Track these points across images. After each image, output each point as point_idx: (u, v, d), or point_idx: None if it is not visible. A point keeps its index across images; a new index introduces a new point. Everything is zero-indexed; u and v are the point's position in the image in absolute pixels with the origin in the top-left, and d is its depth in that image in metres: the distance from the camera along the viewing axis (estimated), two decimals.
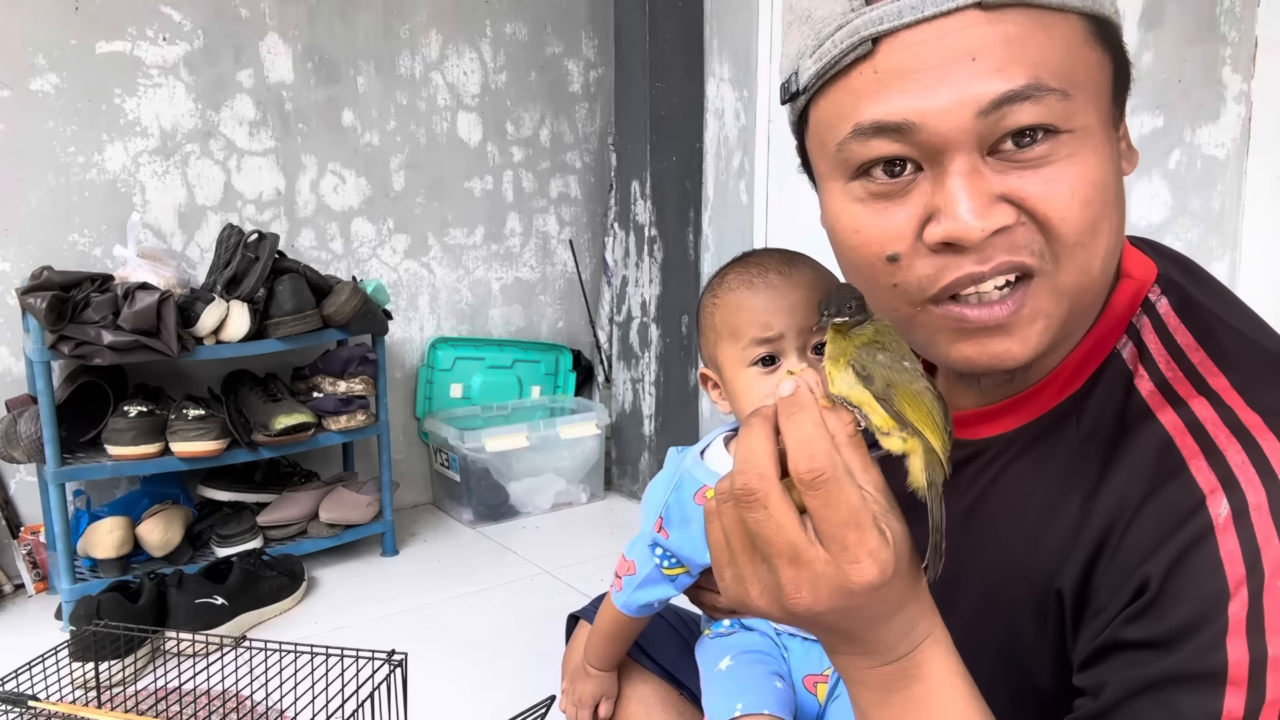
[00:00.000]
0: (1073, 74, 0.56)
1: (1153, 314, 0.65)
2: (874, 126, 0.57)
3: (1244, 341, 0.62)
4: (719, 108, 2.80)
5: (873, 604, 0.53)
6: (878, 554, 0.51)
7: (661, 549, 0.97)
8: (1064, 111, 0.55)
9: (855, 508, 0.50)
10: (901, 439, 0.55)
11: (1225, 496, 0.54)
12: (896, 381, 0.56)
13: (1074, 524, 0.62)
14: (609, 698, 1.11)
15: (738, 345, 0.92)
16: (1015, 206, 0.57)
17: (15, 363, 2.27)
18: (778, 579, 0.53)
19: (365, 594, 2.23)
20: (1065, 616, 0.62)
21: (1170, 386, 0.61)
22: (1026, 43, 0.55)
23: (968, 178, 0.56)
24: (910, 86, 0.56)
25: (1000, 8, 0.55)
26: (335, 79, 2.60)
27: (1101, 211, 0.58)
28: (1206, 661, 0.51)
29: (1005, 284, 0.59)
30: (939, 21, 0.55)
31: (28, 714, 1.18)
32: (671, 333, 2.87)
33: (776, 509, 0.52)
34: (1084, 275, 0.59)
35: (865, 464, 0.53)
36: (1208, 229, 1.71)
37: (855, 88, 0.58)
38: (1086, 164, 0.57)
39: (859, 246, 0.62)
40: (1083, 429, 0.64)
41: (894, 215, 0.59)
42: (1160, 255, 0.69)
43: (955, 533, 0.74)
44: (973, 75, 0.55)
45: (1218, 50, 1.66)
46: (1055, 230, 0.57)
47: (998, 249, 0.57)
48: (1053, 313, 0.60)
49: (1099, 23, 0.58)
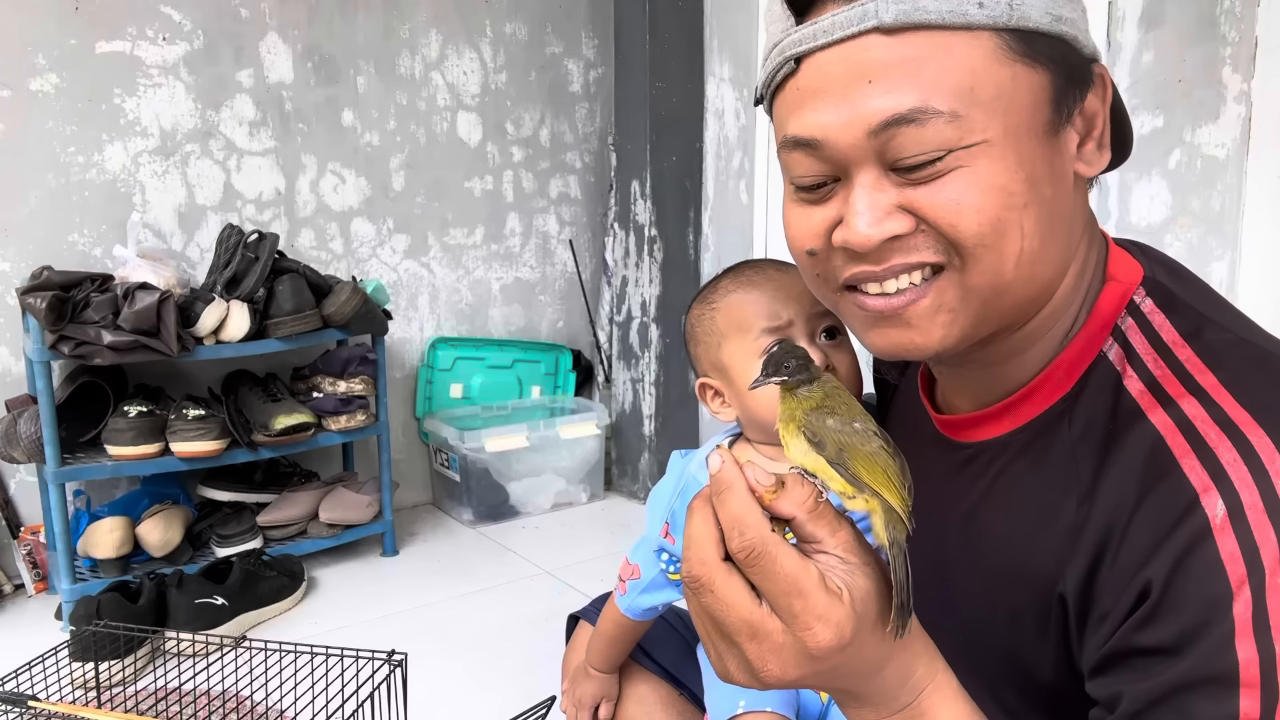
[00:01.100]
0: (973, 92, 0.58)
1: (1138, 315, 0.66)
2: (793, 140, 0.63)
3: (1232, 340, 0.62)
4: (719, 108, 2.80)
5: (848, 662, 0.54)
6: (828, 616, 0.52)
7: (667, 554, 0.97)
8: (953, 132, 0.58)
9: (792, 576, 0.52)
10: (864, 500, 0.56)
11: (1219, 495, 0.54)
12: (849, 445, 0.57)
13: (1071, 526, 0.62)
14: (609, 699, 1.11)
15: (747, 338, 0.92)
16: (913, 216, 0.61)
17: (15, 363, 2.27)
18: (744, 655, 0.54)
19: (365, 594, 2.23)
20: (1069, 621, 0.62)
21: (1159, 385, 0.61)
22: (923, 65, 0.58)
23: (867, 191, 0.61)
24: (820, 105, 0.61)
25: (900, 31, 0.58)
26: (335, 79, 2.60)
27: (1003, 215, 0.60)
28: (1216, 665, 0.52)
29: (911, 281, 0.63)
30: (846, 44, 0.59)
31: (28, 714, 1.18)
32: (671, 333, 2.87)
33: (722, 591, 0.53)
34: (994, 275, 0.62)
35: (833, 528, 0.55)
36: (1208, 229, 1.71)
37: (787, 101, 0.64)
38: (977, 172, 0.59)
39: (790, 240, 0.69)
40: (1074, 431, 0.65)
41: (814, 216, 0.66)
42: (1148, 258, 0.70)
43: (956, 536, 0.74)
44: (867, 96, 0.59)
45: (1218, 50, 1.66)
46: (948, 235, 0.61)
47: (894, 252, 0.62)
48: (958, 308, 0.63)
49: (1021, 36, 0.59)
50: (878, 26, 0.58)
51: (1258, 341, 0.63)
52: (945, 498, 0.75)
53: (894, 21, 0.57)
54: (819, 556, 0.54)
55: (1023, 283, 0.63)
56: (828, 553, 0.54)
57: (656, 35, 2.74)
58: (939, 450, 0.77)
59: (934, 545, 0.76)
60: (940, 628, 0.60)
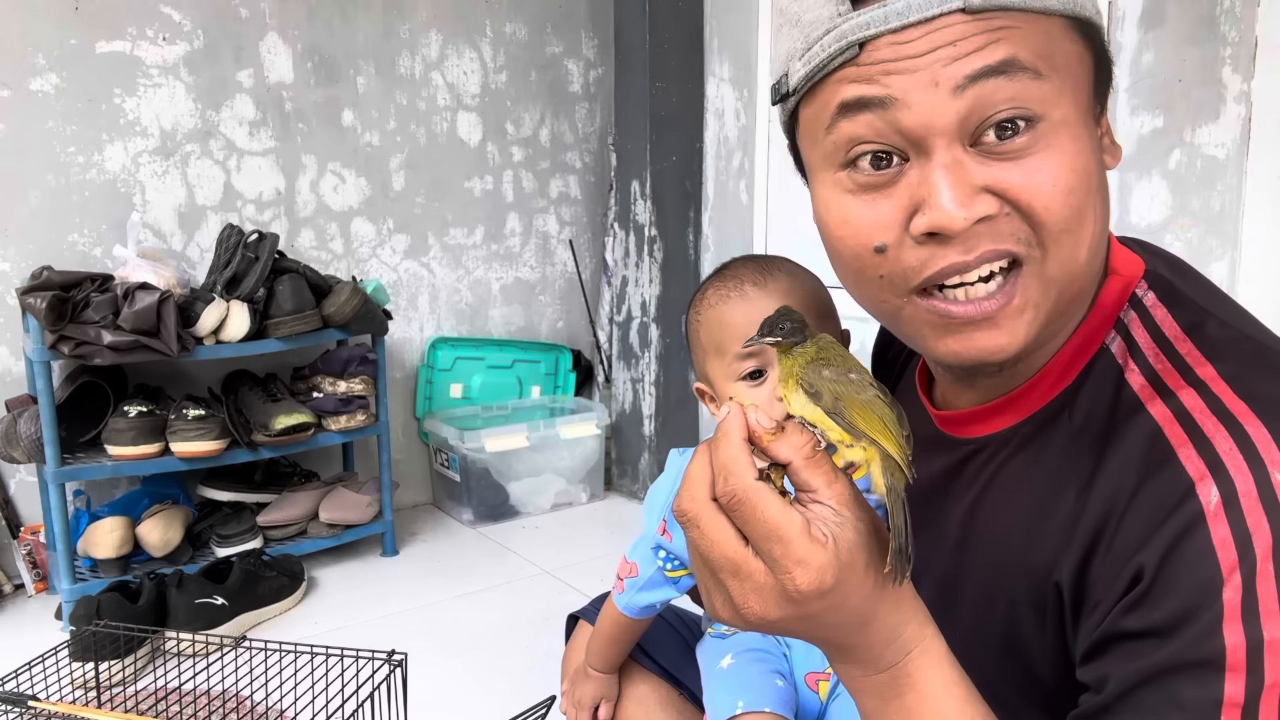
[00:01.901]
0: (1051, 59, 0.58)
1: (1140, 308, 0.66)
2: (859, 100, 0.59)
3: (1232, 333, 0.62)
4: (719, 108, 2.80)
5: (830, 611, 0.54)
6: (808, 562, 0.52)
7: (665, 552, 0.97)
8: (1038, 92, 0.57)
9: (774, 522, 0.52)
10: (861, 449, 0.57)
11: (1214, 483, 0.54)
12: (844, 394, 0.57)
13: (1069, 517, 0.62)
14: (609, 700, 1.11)
15: (724, 361, 0.94)
16: (999, 198, 0.58)
17: (15, 363, 2.27)
18: (728, 591, 0.55)
19: (365, 594, 2.23)
20: (1064, 610, 0.63)
21: (1159, 378, 0.61)
22: (1006, 31, 0.57)
23: (950, 169, 0.57)
24: (893, 74, 0.58)
25: (984, 11, 0.57)
26: (335, 79, 2.60)
27: (1085, 199, 0.59)
28: (1204, 649, 0.52)
29: (990, 274, 0.60)
30: (924, 25, 0.57)
31: (28, 714, 1.18)
32: (671, 333, 2.87)
33: (708, 527, 0.54)
34: (1071, 263, 0.60)
35: (829, 479, 0.55)
36: (1208, 229, 1.71)
37: (842, 83, 0.60)
38: (1066, 152, 0.58)
39: (846, 237, 0.63)
40: (1075, 423, 0.65)
41: (881, 206, 0.61)
42: (1149, 253, 0.70)
43: (957, 533, 0.74)
44: (952, 56, 0.57)
45: (1218, 50, 1.66)
46: (1039, 218, 0.58)
47: (982, 238, 0.59)
48: (1040, 302, 0.61)
49: (1079, 23, 0.60)
50: (964, 7, 0.56)
51: (1258, 336, 0.63)
52: (946, 495, 0.75)
53: (981, 3, 0.56)
54: (813, 506, 0.54)
55: (1086, 271, 0.62)
56: (822, 503, 0.54)
57: (656, 35, 2.74)
58: (939, 448, 0.77)
59: (935, 543, 0.76)
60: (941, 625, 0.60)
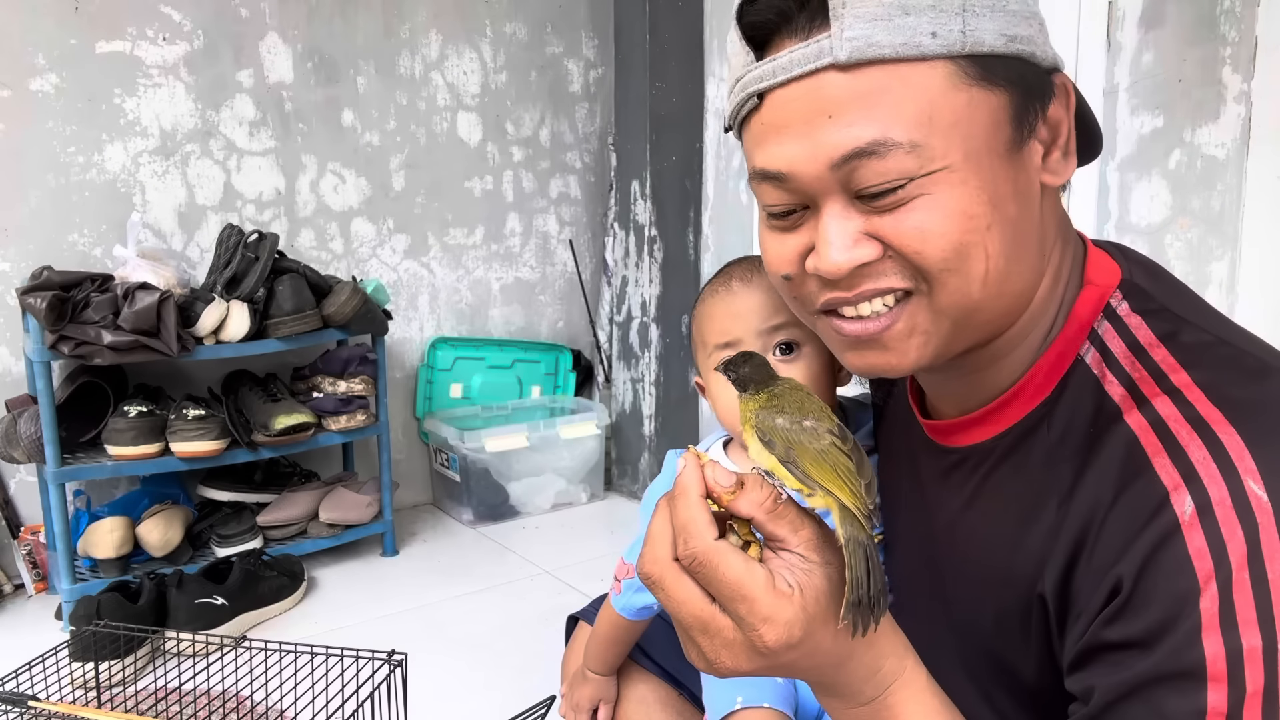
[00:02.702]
0: (931, 121, 0.59)
1: (1114, 318, 0.66)
2: (761, 173, 0.65)
3: (1207, 339, 0.63)
4: (719, 108, 2.80)
5: (802, 658, 0.55)
6: (774, 618, 0.53)
7: None
8: (913, 161, 0.59)
9: (737, 582, 0.54)
10: (821, 497, 0.57)
11: (1188, 493, 0.55)
12: (797, 443, 0.58)
13: (1051, 527, 0.63)
14: (608, 702, 1.11)
15: (705, 353, 0.97)
16: (880, 243, 0.62)
17: (15, 363, 2.27)
18: (699, 647, 0.57)
19: (365, 594, 2.23)
20: (1049, 620, 0.63)
21: (1136, 386, 0.62)
22: (881, 98, 0.59)
23: (835, 219, 0.63)
24: (784, 139, 0.62)
25: (855, 67, 0.58)
26: (335, 79, 2.60)
27: (965, 239, 0.61)
28: (1184, 659, 0.52)
29: (884, 305, 0.64)
30: (805, 81, 0.60)
31: (28, 714, 1.18)
32: (671, 333, 2.87)
33: (673, 589, 0.56)
34: (963, 297, 0.63)
35: (795, 526, 0.56)
36: (1208, 229, 1.71)
37: (753, 134, 0.66)
38: (938, 199, 0.60)
39: (767, 264, 0.71)
40: (1053, 435, 0.66)
41: (788, 242, 0.67)
42: (1128, 260, 0.70)
43: (945, 540, 0.75)
44: (828, 131, 0.60)
45: (1218, 50, 1.66)
46: (914, 261, 0.62)
47: (864, 279, 0.64)
48: (930, 330, 0.64)
49: (976, 61, 0.59)
50: (833, 63, 0.59)
51: (1234, 342, 0.63)
52: (934, 502, 0.76)
53: (849, 58, 0.58)
54: (782, 554, 0.56)
55: (992, 300, 0.64)
56: (790, 550, 0.55)
57: (656, 35, 2.74)
58: (928, 456, 0.77)
59: (925, 549, 0.76)
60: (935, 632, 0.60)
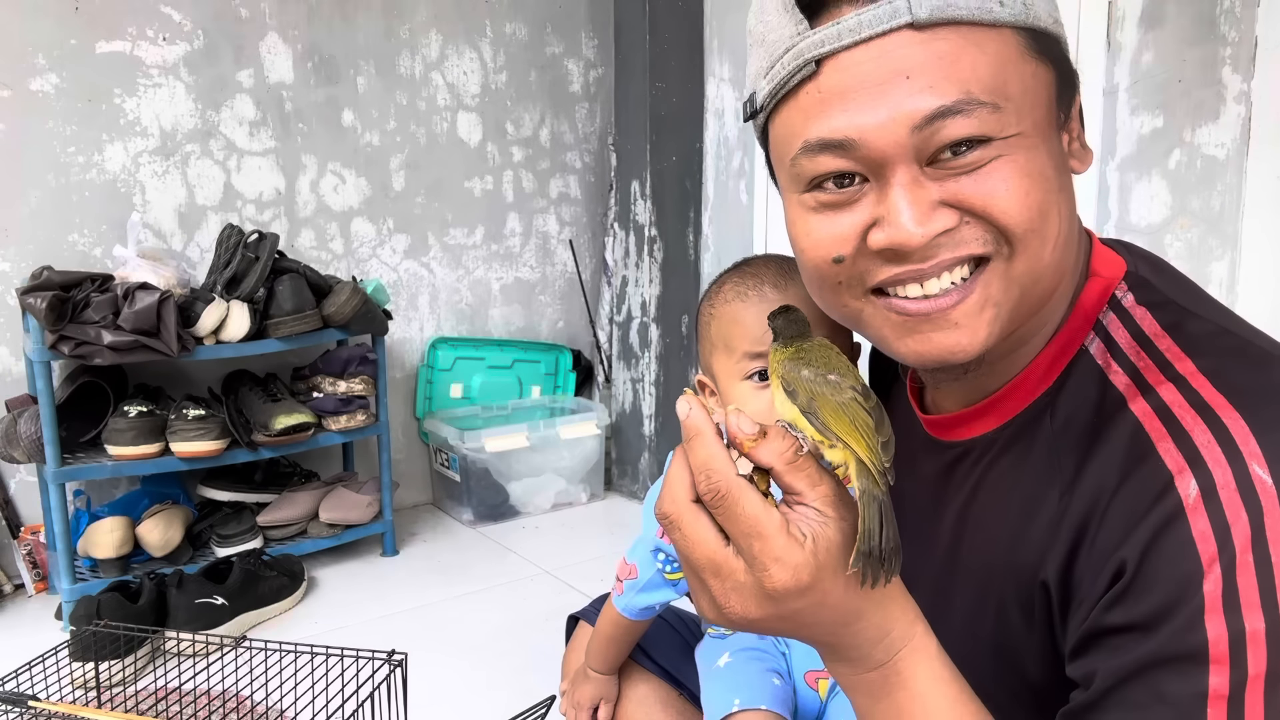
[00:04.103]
0: (1004, 87, 0.59)
1: (1119, 309, 0.66)
2: (820, 143, 0.61)
3: (1211, 329, 0.63)
4: (719, 108, 2.80)
5: (810, 609, 0.55)
6: (785, 559, 0.53)
7: (664, 554, 0.97)
8: (995, 122, 0.58)
9: (754, 518, 0.53)
10: (839, 450, 0.57)
11: (1193, 476, 0.55)
12: (820, 394, 0.58)
13: (1054, 517, 0.63)
14: (608, 701, 1.11)
15: (732, 359, 0.93)
16: (957, 209, 0.60)
17: (15, 363, 2.27)
18: (710, 591, 0.56)
19: (365, 594, 2.23)
20: (1052, 608, 0.63)
21: (1140, 375, 0.62)
22: (958, 59, 0.58)
23: (908, 188, 0.59)
24: (850, 105, 0.59)
25: (932, 26, 0.57)
26: (335, 79, 2.60)
27: (1045, 199, 0.61)
28: (1186, 642, 0.52)
29: (955, 280, 0.62)
30: (875, 42, 0.58)
31: (28, 714, 1.18)
32: (671, 333, 2.87)
33: (689, 529, 0.56)
34: (1037, 261, 0.62)
35: (813, 481, 0.56)
36: (1208, 229, 1.71)
37: (803, 106, 0.62)
38: (1018, 161, 0.59)
39: (808, 249, 0.66)
40: (1056, 425, 0.66)
41: (841, 221, 0.63)
42: (1132, 254, 0.71)
43: (948, 535, 0.75)
44: (907, 93, 0.58)
45: (1218, 50, 1.66)
46: (999, 221, 0.60)
47: (941, 249, 0.61)
48: (1002, 301, 0.62)
49: (1035, 35, 0.60)
50: (911, 23, 0.57)
51: (1238, 332, 0.63)
52: (937, 498, 0.76)
53: (928, 17, 0.57)
54: (798, 508, 0.55)
55: (1054, 268, 0.63)
56: (807, 505, 0.55)
57: (656, 35, 2.74)
58: (929, 452, 0.77)
59: (928, 545, 0.76)
60: (936, 627, 0.60)
